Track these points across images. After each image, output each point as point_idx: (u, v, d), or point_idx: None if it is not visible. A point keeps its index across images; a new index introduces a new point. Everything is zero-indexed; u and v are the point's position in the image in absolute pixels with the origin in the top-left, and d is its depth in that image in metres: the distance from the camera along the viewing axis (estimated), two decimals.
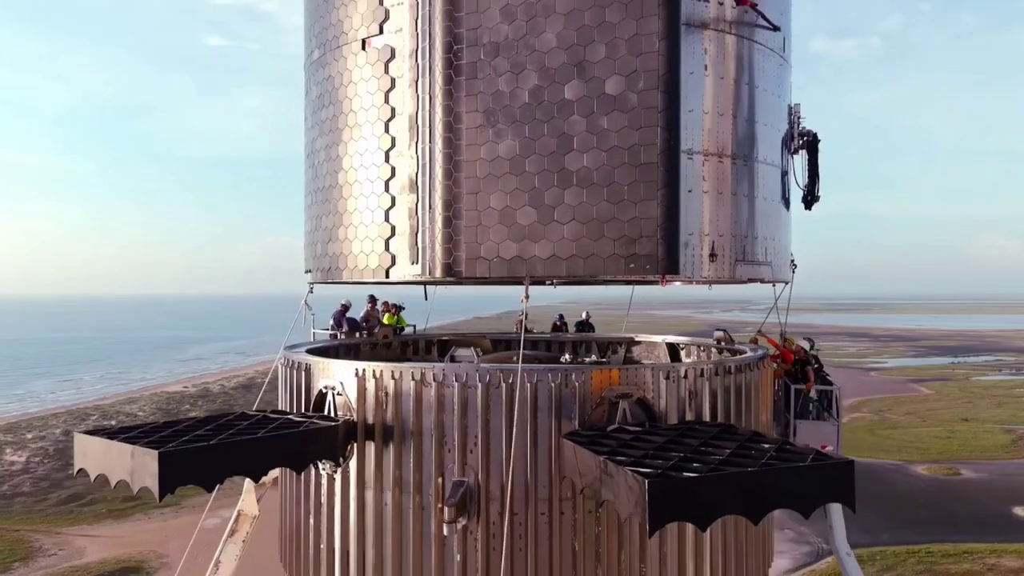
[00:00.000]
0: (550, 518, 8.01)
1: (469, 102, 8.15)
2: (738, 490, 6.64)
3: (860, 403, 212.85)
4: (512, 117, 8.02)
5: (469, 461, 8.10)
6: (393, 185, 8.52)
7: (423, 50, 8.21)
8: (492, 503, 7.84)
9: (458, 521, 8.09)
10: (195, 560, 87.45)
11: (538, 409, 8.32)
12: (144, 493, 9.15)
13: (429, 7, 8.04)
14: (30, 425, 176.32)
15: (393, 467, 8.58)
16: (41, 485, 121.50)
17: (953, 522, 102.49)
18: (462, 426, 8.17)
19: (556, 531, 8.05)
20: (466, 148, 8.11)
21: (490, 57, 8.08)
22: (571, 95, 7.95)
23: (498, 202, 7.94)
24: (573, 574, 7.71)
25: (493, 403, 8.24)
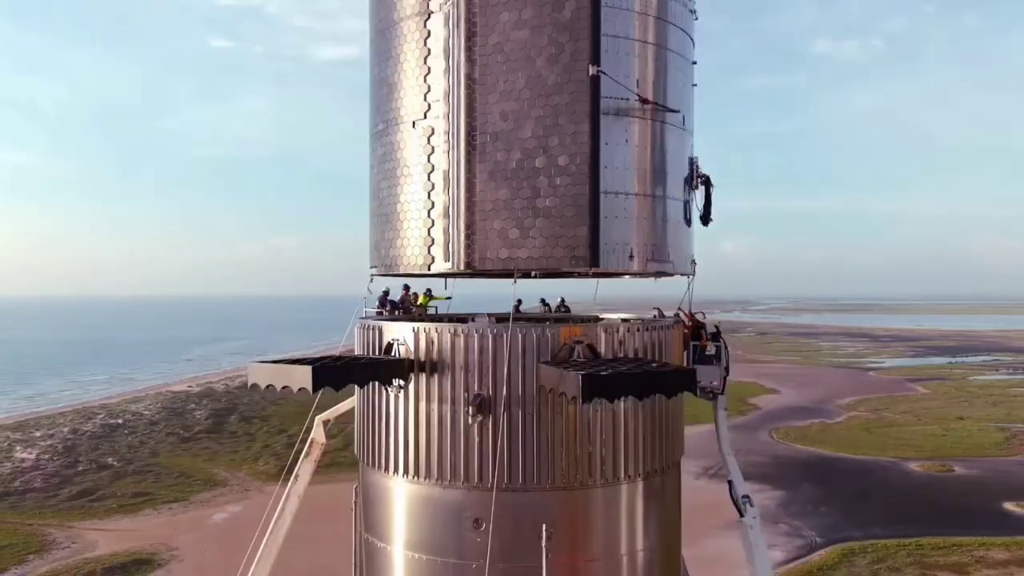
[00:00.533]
0: (535, 415, 11.20)
1: (480, 166, 11.79)
2: (628, 381, 9.43)
3: (857, 402, 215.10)
4: (505, 176, 11.61)
5: (484, 382, 11.22)
6: (433, 212, 12.38)
7: (453, 132, 11.92)
8: (497, 407, 10.98)
9: (477, 418, 11.25)
10: (203, 554, 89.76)
11: (525, 350, 11.48)
12: (301, 394, 12.91)
13: (456, 106, 11.39)
14: (38, 424, 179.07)
15: (437, 387, 12.03)
16: (52, 481, 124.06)
17: (944, 517, 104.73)
18: (479, 361, 11.39)
19: (536, 422, 11.25)
20: (478, 193, 11.60)
21: (493, 140, 11.61)
22: (539, 165, 11.69)
23: (498, 225, 11.36)
24: (548, 447, 10.65)
25: (498, 346, 11.39)
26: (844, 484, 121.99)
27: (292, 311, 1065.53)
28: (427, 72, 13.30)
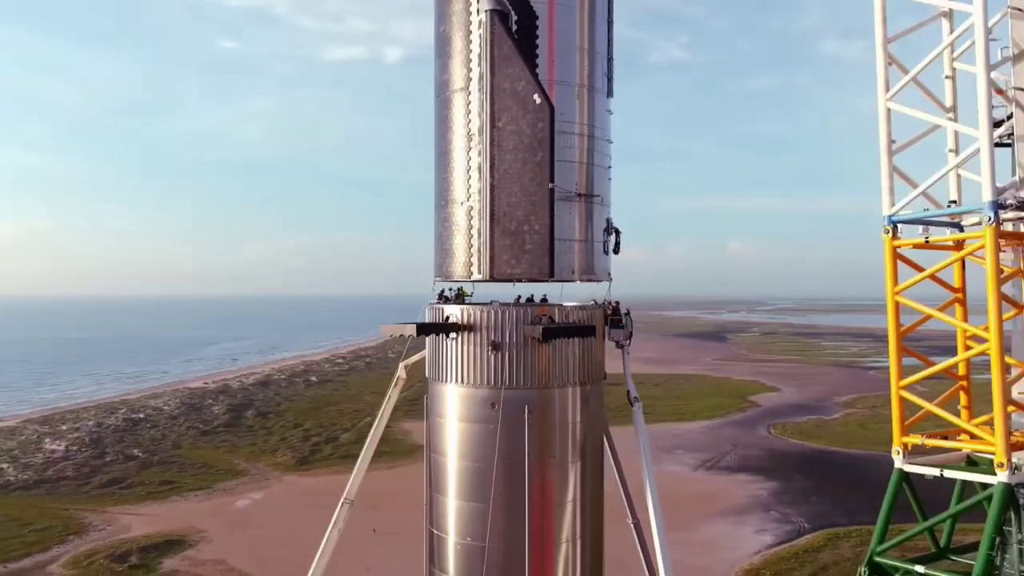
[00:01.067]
0: (523, 351, 17.22)
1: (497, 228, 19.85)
2: (562, 331, 15.89)
3: (855, 400, 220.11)
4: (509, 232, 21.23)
5: (497, 334, 17.09)
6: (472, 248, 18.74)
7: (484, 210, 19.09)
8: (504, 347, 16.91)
9: (494, 353, 17.11)
10: (229, 536, 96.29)
11: (517, 319, 17.32)
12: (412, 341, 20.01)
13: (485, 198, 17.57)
14: (63, 418, 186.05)
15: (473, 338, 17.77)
16: (82, 471, 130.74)
17: (930, 506, 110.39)
18: (494, 324, 17.25)
19: (524, 354, 17.20)
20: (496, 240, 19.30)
21: (503, 215, 18.37)
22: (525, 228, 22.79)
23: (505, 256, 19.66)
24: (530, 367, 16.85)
25: (504, 318, 17.28)
26: (835, 476, 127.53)
27: (299, 311, 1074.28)
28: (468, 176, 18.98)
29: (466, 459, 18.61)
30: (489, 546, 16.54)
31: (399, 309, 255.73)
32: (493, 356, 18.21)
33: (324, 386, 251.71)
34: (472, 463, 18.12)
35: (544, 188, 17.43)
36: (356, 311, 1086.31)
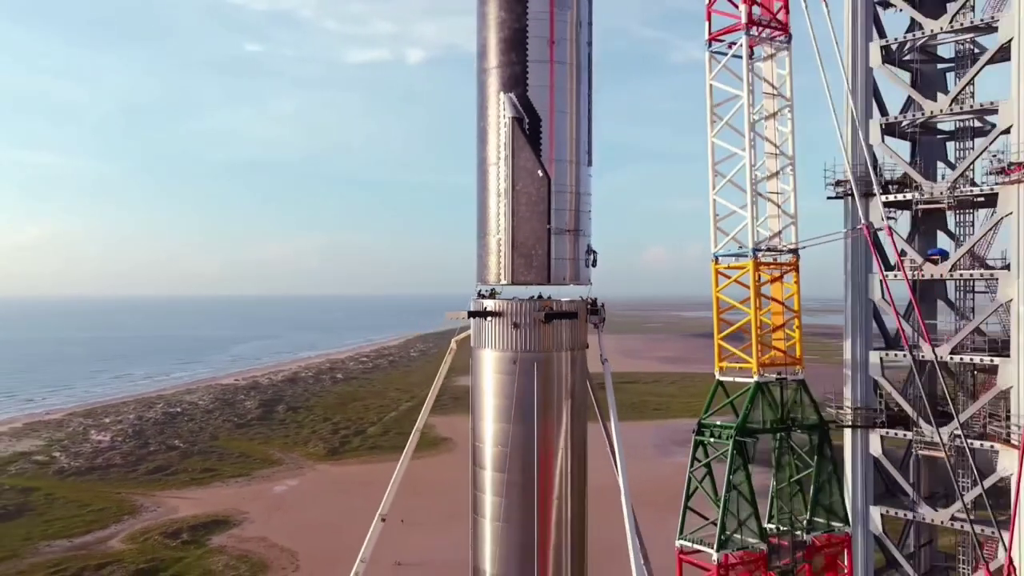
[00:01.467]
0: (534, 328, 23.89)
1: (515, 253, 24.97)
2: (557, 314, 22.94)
3: None
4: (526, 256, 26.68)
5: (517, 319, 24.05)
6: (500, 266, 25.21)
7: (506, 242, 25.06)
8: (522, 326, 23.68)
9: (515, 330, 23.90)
10: (269, 517, 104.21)
11: (530, 308, 24.18)
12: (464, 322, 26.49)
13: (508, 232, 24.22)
14: (105, 411, 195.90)
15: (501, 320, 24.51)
16: (129, 459, 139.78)
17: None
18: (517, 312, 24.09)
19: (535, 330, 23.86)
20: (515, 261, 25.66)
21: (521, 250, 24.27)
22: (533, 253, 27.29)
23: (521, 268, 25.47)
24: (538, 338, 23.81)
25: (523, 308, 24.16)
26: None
27: (317, 311, 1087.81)
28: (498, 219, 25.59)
29: (497, 397, 25.72)
30: (511, 451, 23.75)
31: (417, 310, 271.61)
32: (515, 331, 25.18)
33: (349, 383, 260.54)
34: (501, 399, 25.21)
35: (543, 228, 24.66)
36: (374, 311, 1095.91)
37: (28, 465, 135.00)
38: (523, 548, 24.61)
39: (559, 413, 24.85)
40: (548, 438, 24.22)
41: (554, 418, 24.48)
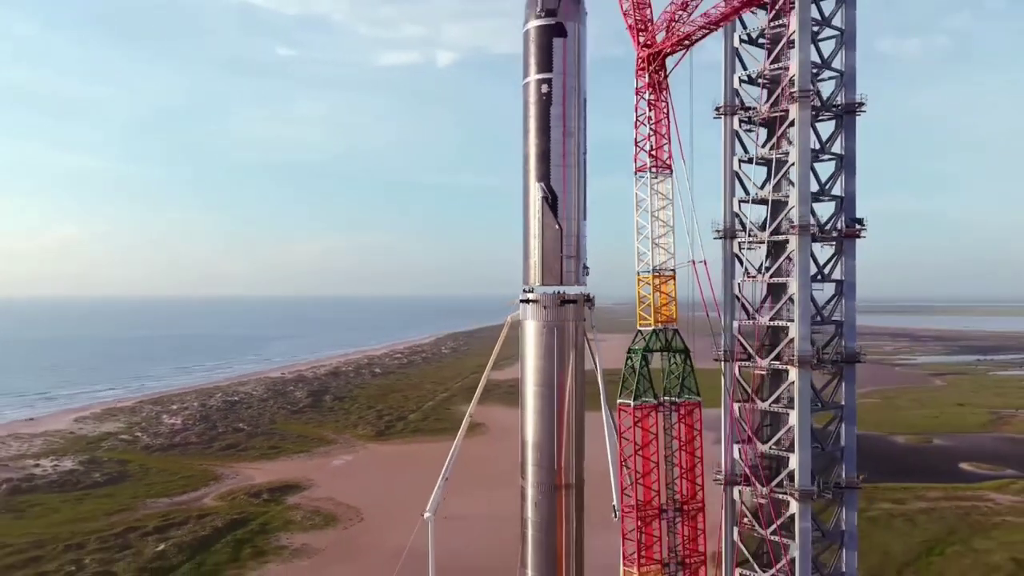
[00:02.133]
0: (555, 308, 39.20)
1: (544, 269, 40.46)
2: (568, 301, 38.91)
3: (873, 391, 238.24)
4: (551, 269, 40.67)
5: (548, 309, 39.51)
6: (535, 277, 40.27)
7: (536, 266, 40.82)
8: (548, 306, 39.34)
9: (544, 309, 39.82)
10: (332, 483, 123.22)
11: (553, 298, 40.15)
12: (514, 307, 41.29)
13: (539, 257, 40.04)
14: (170, 400, 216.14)
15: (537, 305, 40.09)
16: (203, 438, 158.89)
17: (908, 471, 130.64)
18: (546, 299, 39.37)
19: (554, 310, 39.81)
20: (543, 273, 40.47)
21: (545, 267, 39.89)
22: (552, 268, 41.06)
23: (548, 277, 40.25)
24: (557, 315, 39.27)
25: (549, 298, 40.01)
26: None
27: (345, 311, 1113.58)
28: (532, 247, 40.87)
29: (535, 347, 41.40)
30: (541, 375, 40.03)
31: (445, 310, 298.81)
32: (544, 310, 40.76)
33: (387, 376, 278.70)
34: (537, 350, 41.13)
35: (558, 255, 40.89)
36: (401, 311, 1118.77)
37: (117, 442, 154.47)
38: (546, 429, 40.57)
39: (568, 355, 40.87)
40: (563, 368, 40.28)
41: (565, 358, 40.54)
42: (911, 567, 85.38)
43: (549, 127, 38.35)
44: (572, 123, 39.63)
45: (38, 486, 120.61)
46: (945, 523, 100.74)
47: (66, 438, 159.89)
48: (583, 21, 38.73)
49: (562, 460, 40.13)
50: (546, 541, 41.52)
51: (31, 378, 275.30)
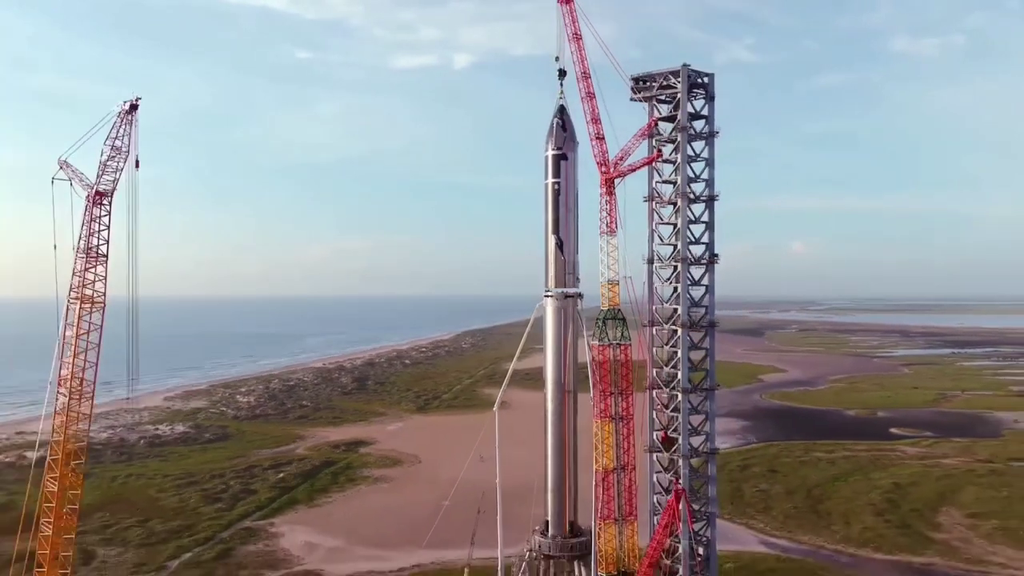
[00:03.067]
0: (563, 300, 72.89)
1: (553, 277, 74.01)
2: (570, 295, 72.86)
3: (845, 378, 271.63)
4: (561, 278, 73.76)
5: (558, 297, 73.29)
6: (550, 280, 73.93)
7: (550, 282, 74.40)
8: (558, 299, 73.34)
9: (556, 301, 73.63)
10: (391, 440, 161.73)
11: (562, 295, 73.59)
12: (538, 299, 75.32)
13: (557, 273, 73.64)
14: (236, 384, 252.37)
15: (553, 299, 73.68)
16: (277, 411, 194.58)
17: (846, 434, 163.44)
18: (559, 296, 72.75)
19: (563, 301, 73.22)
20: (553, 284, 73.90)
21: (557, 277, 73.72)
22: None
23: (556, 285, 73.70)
24: (564, 303, 73.39)
25: (560, 294, 73.55)
26: (793, 419, 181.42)
27: (367, 310, 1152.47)
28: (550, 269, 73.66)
29: (552, 320, 74.60)
30: (553, 342, 74.02)
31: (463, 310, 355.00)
32: (556, 301, 73.61)
33: (417, 367, 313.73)
34: (554, 319, 74.20)
35: (565, 274, 74.23)
36: (419, 311, 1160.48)
37: (209, 414, 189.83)
38: (558, 363, 72.96)
39: (569, 323, 74.31)
40: (567, 337, 73.85)
41: (567, 324, 73.94)
42: (819, 488, 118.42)
43: (559, 206, 71.91)
44: (570, 203, 73.22)
45: (167, 441, 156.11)
46: (857, 464, 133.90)
47: (166, 412, 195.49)
48: (575, 149, 71.79)
49: (566, 378, 73.27)
50: (556, 432, 75.15)
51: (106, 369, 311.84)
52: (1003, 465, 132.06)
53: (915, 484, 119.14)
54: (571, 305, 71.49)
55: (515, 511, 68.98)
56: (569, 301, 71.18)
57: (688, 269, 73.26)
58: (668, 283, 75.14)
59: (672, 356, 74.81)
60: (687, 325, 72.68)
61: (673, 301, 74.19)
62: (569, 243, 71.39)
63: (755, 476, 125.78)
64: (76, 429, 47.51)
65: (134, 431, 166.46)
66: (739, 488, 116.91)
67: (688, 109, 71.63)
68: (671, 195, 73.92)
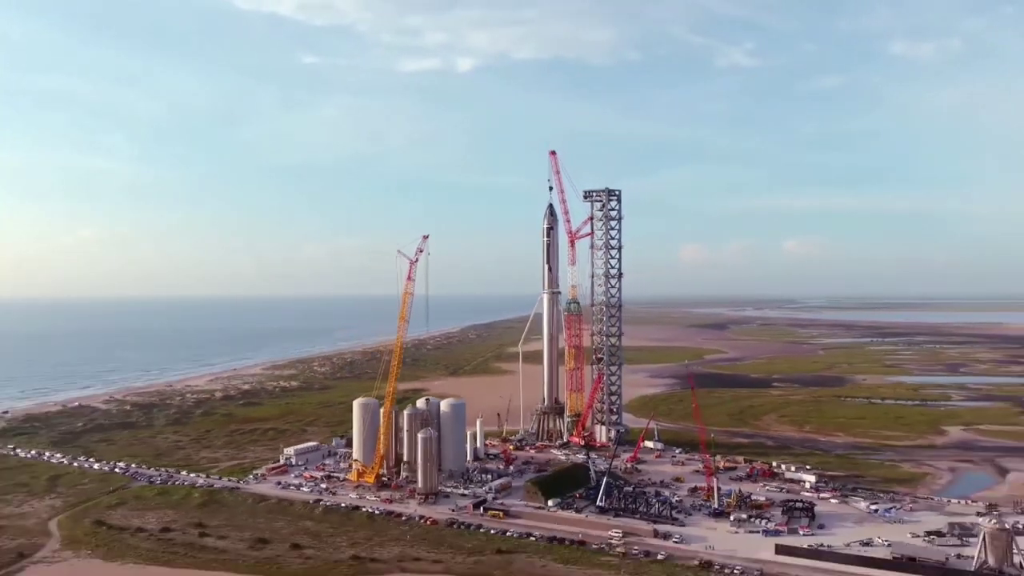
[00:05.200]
0: (551, 297, 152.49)
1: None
2: (554, 292, 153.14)
3: (765, 357, 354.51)
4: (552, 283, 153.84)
5: (550, 295, 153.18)
6: (544, 284, 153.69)
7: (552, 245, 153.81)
8: (550, 295, 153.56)
9: (549, 296, 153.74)
10: (441, 389, 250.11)
11: (552, 291, 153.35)
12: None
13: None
14: (309, 361, 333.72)
15: (548, 293, 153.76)
16: (352, 375, 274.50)
17: (742, 385, 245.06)
18: (550, 294, 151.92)
19: (552, 297, 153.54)
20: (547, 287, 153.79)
21: None
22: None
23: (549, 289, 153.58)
24: (553, 296, 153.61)
25: (549, 291, 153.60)
26: (712, 379, 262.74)
27: (367, 307, 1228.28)
28: (545, 285, 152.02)
29: (546, 305, 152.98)
30: (546, 320, 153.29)
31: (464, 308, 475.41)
32: (549, 297, 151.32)
33: (438, 351, 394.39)
34: (548, 303, 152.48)
35: (553, 281, 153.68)
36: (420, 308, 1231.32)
37: (305, 377, 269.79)
38: (552, 320, 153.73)
39: (554, 307, 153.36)
40: (553, 312, 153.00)
41: (554, 308, 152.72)
42: (705, 408, 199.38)
43: (549, 252, 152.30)
44: (554, 251, 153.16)
45: (291, 389, 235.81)
46: (736, 397, 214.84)
47: (270, 375, 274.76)
48: (556, 225, 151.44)
49: (553, 329, 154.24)
50: (549, 347, 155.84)
51: (197, 350, 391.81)
52: (825, 398, 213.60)
53: (761, 405, 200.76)
54: (555, 297, 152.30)
55: (526, 407, 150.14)
56: (554, 296, 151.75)
57: (609, 280, 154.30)
58: (599, 286, 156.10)
59: (602, 318, 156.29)
60: (605, 305, 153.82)
61: (601, 295, 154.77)
62: (553, 268, 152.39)
63: (669, 402, 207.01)
64: None
65: (264, 385, 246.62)
66: (656, 407, 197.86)
67: (610, 205, 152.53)
68: (599, 245, 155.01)
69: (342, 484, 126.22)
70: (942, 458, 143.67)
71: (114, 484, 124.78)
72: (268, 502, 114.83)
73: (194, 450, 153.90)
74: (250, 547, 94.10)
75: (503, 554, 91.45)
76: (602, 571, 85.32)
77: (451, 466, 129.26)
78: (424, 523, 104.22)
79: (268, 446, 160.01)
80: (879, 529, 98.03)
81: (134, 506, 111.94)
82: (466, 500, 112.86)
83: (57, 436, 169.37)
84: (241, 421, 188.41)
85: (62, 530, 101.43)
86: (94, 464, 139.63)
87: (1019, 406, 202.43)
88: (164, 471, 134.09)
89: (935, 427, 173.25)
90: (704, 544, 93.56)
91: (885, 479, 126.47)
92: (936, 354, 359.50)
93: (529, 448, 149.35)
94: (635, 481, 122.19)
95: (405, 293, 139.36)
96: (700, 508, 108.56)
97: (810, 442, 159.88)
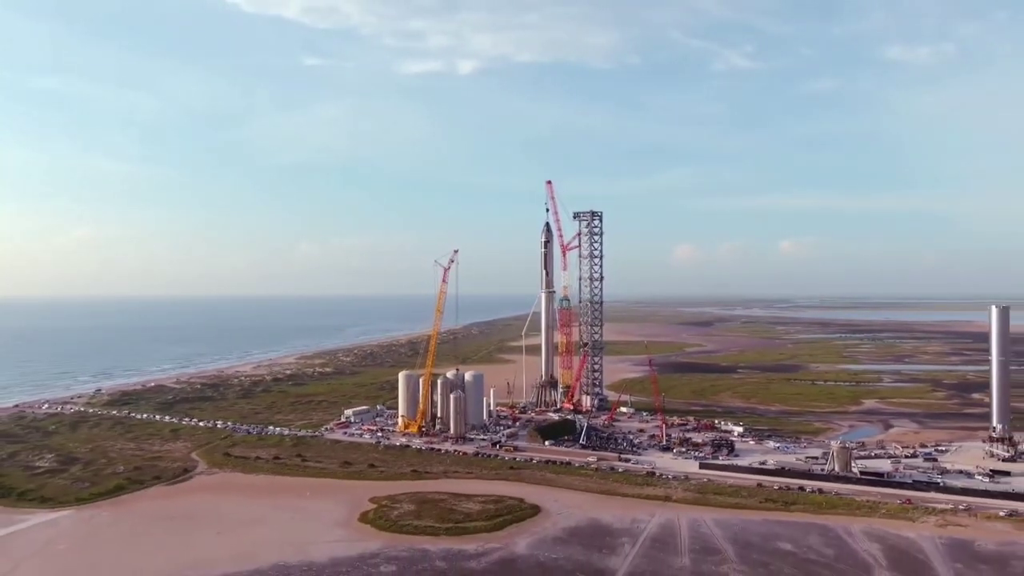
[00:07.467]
0: (547, 296, 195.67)
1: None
2: (550, 292, 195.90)
3: (738, 350, 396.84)
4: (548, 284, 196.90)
5: (547, 292, 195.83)
6: (543, 284, 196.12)
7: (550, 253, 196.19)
8: (548, 293, 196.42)
9: (547, 294, 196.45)
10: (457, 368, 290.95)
11: (548, 291, 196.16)
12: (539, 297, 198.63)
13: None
14: (333, 352, 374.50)
15: (545, 291, 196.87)
16: (375, 363, 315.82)
17: (709, 371, 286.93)
18: (547, 293, 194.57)
19: (548, 295, 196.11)
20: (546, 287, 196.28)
21: None
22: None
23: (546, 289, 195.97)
24: (549, 296, 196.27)
25: (547, 291, 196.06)
26: (687, 367, 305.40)
27: (366, 306, 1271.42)
28: (542, 287, 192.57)
29: (544, 302, 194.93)
30: (544, 312, 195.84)
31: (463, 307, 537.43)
32: (546, 294, 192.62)
33: (445, 344, 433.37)
34: (545, 300, 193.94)
35: (550, 282, 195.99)
36: (419, 307, 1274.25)
37: (336, 365, 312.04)
38: (550, 310, 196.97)
39: (552, 303, 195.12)
40: (549, 307, 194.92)
41: (551, 305, 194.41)
42: (675, 388, 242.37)
43: (546, 260, 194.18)
44: (550, 259, 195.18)
45: (328, 374, 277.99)
46: (704, 379, 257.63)
47: (304, 364, 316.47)
48: (552, 239, 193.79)
49: (549, 318, 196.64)
50: (547, 339, 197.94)
51: (228, 344, 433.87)
52: (776, 380, 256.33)
53: (720, 385, 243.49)
54: (551, 296, 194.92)
55: (528, 386, 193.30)
56: (550, 294, 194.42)
57: (592, 282, 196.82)
58: (585, 288, 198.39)
59: (587, 313, 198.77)
60: (589, 303, 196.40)
61: (586, 294, 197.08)
62: (550, 272, 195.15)
63: (645, 382, 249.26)
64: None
65: (303, 371, 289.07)
66: (633, 386, 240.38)
67: (594, 224, 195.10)
68: (585, 255, 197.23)
69: (392, 433, 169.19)
70: (848, 419, 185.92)
71: (221, 435, 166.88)
72: (342, 444, 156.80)
73: (269, 415, 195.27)
74: (340, 466, 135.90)
75: (514, 469, 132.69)
76: (582, 478, 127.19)
77: (473, 420, 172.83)
78: (457, 454, 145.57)
79: (327, 412, 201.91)
80: (776, 456, 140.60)
81: (245, 447, 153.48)
82: (485, 441, 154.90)
83: (156, 405, 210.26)
84: (296, 396, 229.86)
85: (203, 458, 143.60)
86: (199, 423, 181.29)
87: (934, 387, 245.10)
88: (256, 426, 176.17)
89: (856, 400, 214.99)
90: (652, 465, 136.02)
91: (796, 431, 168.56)
92: (891, 347, 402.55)
93: (531, 412, 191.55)
94: (610, 431, 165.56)
95: (440, 292, 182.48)
96: (654, 446, 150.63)
97: (751, 410, 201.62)
